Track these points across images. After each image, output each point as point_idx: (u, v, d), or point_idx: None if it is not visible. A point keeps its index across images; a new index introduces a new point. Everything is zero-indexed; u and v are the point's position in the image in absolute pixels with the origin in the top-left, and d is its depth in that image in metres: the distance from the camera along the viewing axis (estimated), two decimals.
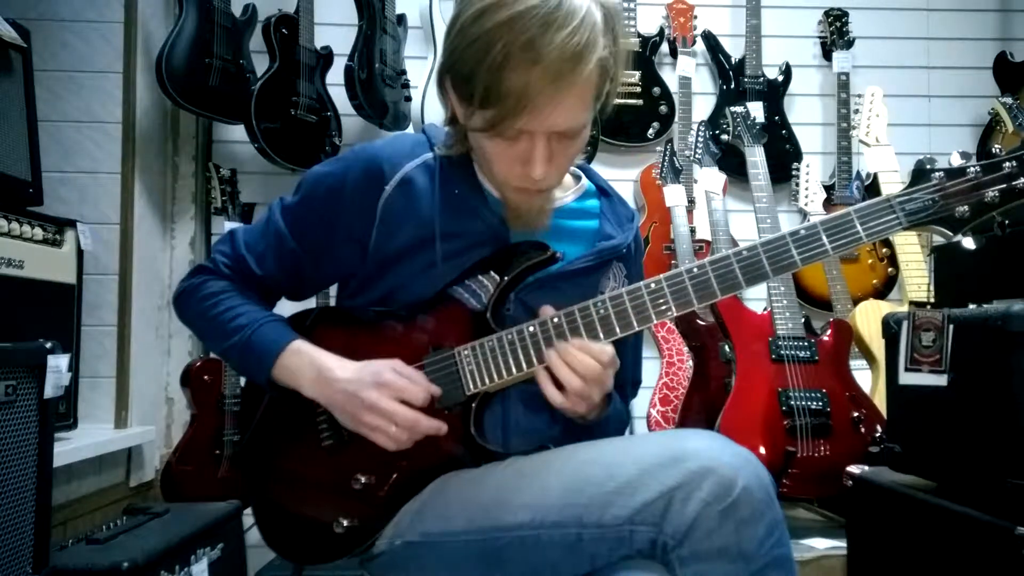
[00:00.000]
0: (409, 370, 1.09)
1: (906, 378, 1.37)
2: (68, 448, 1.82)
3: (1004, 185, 1.00)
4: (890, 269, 2.57)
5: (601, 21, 0.99)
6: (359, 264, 1.17)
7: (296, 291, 1.26)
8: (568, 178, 1.25)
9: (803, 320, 2.08)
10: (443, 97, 1.12)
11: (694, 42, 2.70)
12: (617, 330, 1.07)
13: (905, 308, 2.12)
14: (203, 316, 1.18)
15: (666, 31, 2.71)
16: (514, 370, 1.08)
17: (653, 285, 1.06)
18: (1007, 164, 1.01)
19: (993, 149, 1.06)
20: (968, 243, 1.42)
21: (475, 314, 1.11)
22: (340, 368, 1.09)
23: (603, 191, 1.27)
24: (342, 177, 1.16)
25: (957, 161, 1.04)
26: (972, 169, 1.01)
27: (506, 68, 0.96)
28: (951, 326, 1.31)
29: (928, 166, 1.04)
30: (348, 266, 1.19)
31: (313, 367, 1.10)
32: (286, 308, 1.22)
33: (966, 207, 1.01)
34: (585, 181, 1.27)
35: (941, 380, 1.32)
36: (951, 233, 1.03)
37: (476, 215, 1.14)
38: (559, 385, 1.05)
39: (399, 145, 1.19)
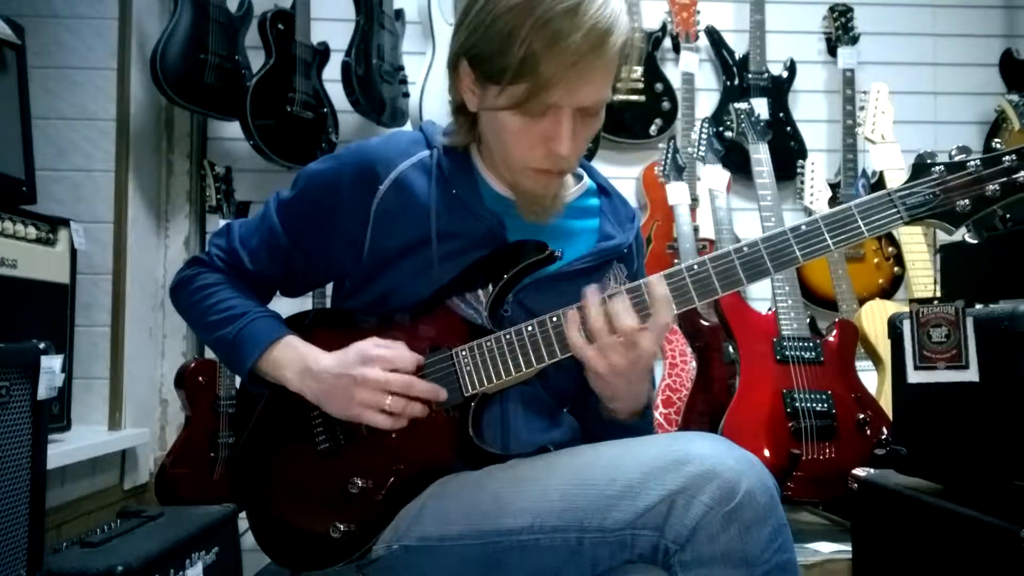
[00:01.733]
0: (390, 342, 1.09)
1: (915, 376, 1.34)
2: (62, 450, 1.80)
3: (1004, 179, 1.01)
4: (896, 268, 2.55)
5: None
6: (354, 264, 1.16)
7: (289, 287, 1.26)
8: (568, 176, 1.23)
9: (808, 320, 2.06)
10: (454, 82, 1.11)
11: (697, 37, 2.67)
12: None
13: None
14: (196, 306, 1.19)
15: (669, 26, 2.68)
16: (512, 371, 1.06)
17: None
18: (1007, 158, 1.01)
19: (994, 145, 1.06)
20: (969, 237, 1.41)
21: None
22: (325, 357, 1.09)
23: (604, 190, 1.26)
24: (336, 177, 1.15)
25: (957, 156, 1.04)
26: (972, 163, 1.02)
27: (540, 42, 0.96)
28: (970, 319, 1.29)
29: (928, 160, 1.04)
30: (342, 265, 1.19)
31: (300, 360, 1.11)
32: (284, 307, 1.21)
33: (967, 201, 1.01)
34: (586, 180, 1.25)
35: (965, 375, 1.29)
36: (952, 227, 1.03)
37: (474, 215, 1.13)
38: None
39: (394, 144, 1.17)
